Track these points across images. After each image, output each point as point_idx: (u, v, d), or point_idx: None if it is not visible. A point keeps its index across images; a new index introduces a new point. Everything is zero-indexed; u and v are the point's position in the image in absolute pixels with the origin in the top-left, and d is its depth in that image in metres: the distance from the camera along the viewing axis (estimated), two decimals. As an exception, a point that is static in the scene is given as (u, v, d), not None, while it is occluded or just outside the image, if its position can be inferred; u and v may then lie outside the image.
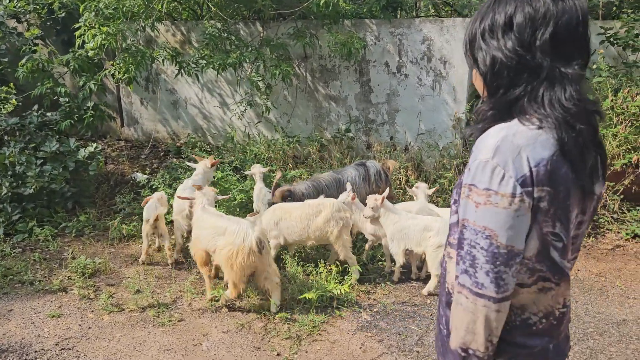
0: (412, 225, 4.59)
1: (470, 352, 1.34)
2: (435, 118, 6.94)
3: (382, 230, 4.89)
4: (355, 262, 4.80)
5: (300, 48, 7.05)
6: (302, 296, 4.35)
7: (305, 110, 7.53)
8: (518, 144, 1.24)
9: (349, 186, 5.08)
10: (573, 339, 3.97)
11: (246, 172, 5.95)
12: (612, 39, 8.04)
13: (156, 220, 4.98)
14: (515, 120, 1.31)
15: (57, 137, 6.42)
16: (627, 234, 5.83)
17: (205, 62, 6.26)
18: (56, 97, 6.75)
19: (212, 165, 5.61)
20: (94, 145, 6.24)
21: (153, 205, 5.07)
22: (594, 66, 7.67)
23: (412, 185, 5.48)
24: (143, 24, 6.17)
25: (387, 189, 5.03)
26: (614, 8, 9.01)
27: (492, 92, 1.37)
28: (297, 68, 7.34)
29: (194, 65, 6.49)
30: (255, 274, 4.19)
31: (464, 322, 1.33)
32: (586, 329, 4.10)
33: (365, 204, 4.81)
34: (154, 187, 6.30)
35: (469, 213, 1.30)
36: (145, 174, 6.98)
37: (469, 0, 7.78)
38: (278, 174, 5.49)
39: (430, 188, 5.38)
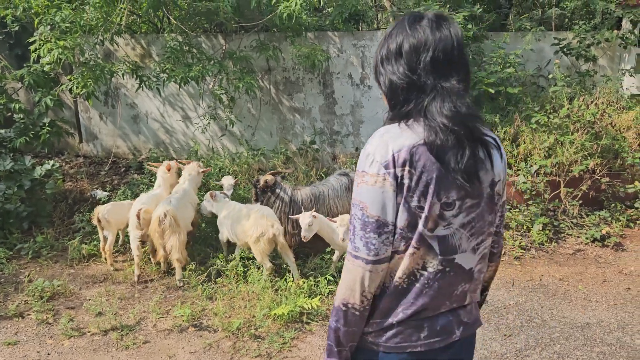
0: None
1: (350, 306, 1.59)
2: (399, 128, 7.00)
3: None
4: (270, 270, 4.88)
5: (264, 61, 7.02)
6: (271, 313, 4.28)
7: (270, 123, 7.49)
8: (386, 138, 1.55)
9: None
10: (540, 345, 4.04)
11: (218, 183, 5.95)
12: (565, 50, 8.33)
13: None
14: (399, 123, 1.60)
15: (11, 154, 6.16)
16: (586, 238, 5.99)
17: (166, 75, 6.14)
18: (10, 114, 6.50)
19: (168, 169, 5.62)
20: (51, 162, 6.02)
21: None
22: (550, 76, 7.93)
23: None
24: (102, 38, 6.02)
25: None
26: (566, 20, 9.35)
27: (392, 106, 1.65)
28: (260, 81, 7.30)
29: (155, 79, 6.36)
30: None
31: (345, 281, 1.60)
32: (552, 334, 4.17)
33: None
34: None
35: (354, 192, 1.60)
36: (105, 190, 6.77)
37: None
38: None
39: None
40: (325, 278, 4.85)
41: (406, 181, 1.53)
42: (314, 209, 4.94)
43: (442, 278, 1.63)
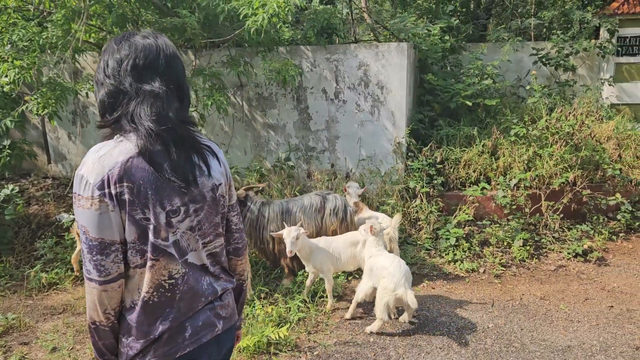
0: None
1: (98, 323, 1.66)
2: (375, 144, 6.83)
3: (326, 265, 4.68)
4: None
5: (235, 76, 6.83)
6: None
7: (244, 140, 7.28)
8: (99, 155, 1.57)
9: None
10: (519, 372, 3.83)
11: None
12: (544, 60, 8.24)
13: None
14: (115, 137, 1.63)
15: (-30, 179, 5.90)
16: (568, 253, 5.82)
17: (132, 94, 5.90)
18: (-31, 136, 6.24)
19: None
20: (10, 187, 5.75)
21: None
22: (528, 87, 7.81)
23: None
24: (62, 56, 5.79)
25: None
26: (544, 29, 9.28)
27: (103, 116, 1.70)
28: (232, 97, 7.10)
29: (121, 98, 6.12)
30: None
31: (88, 302, 1.65)
32: (532, 360, 3.96)
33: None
34: (79, 228, 5.84)
35: (75, 215, 1.62)
36: (71, 214, 6.50)
37: (404, 25, 7.79)
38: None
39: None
40: (296, 304, 4.63)
41: (126, 196, 1.55)
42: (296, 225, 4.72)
43: (188, 279, 1.71)
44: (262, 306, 4.60)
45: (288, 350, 4.15)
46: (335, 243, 4.82)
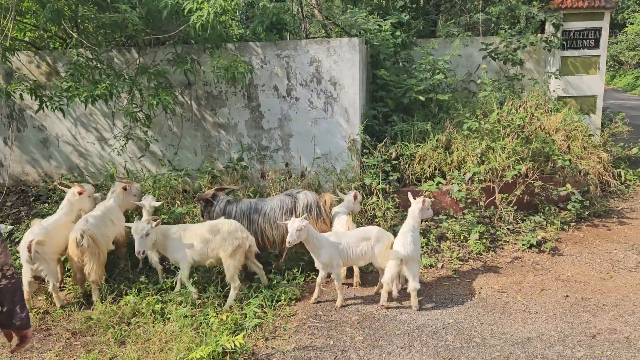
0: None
1: None
2: (330, 141, 6.70)
3: (335, 260, 4.66)
4: (238, 288, 4.72)
5: (182, 74, 6.55)
6: (189, 356, 3.81)
7: (194, 141, 7.00)
8: None
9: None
10: (481, 367, 3.78)
11: (138, 203, 5.45)
12: (493, 54, 8.33)
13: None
14: None
15: None
16: (523, 244, 5.87)
17: (70, 94, 5.56)
18: None
19: (80, 194, 5.27)
20: None
21: None
22: (479, 81, 7.88)
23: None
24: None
25: None
26: (492, 25, 9.41)
27: None
28: (180, 96, 6.81)
29: (58, 99, 5.76)
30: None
31: None
32: (492, 354, 3.92)
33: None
34: (17, 239, 5.46)
35: None
36: (7, 223, 6.07)
37: (355, 20, 7.70)
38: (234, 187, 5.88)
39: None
40: (252, 310, 4.44)
41: None
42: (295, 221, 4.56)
43: None
44: (217, 314, 4.39)
45: (245, 359, 3.95)
46: (346, 238, 4.72)
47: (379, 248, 4.72)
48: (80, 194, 5.25)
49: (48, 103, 5.74)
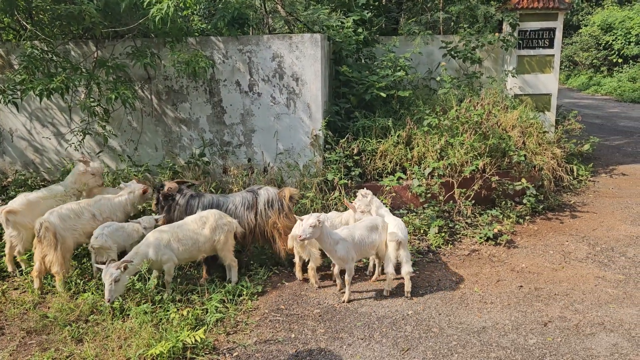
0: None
1: None
2: (292, 137, 6.72)
3: (350, 254, 4.64)
4: (236, 265, 4.96)
5: (142, 69, 6.44)
6: (148, 352, 3.77)
7: (154, 136, 6.90)
8: None
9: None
10: (438, 356, 3.88)
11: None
12: (452, 52, 8.51)
13: None
14: None
15: None
16: (480, 237, 6.04)
17: (24, 87, 5.39)
18: None
19: (85, 164, 5.62)
20: None
21: None
22: (438, 78, 8.04)
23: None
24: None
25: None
26: (452, 23, 9.60)
27: None
28: (140, 90, 6.70)
29: (11, 92, 5.58)
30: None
31: None
32: (450, 343, 4.03)
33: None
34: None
35: None
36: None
37: (318, 16, 7.73)
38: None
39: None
40: (214, 305, 4.42)
41: None
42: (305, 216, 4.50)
43: None
44: (177, 309, 4.36)
45: (206, 353, 3.94)
46: (358, 231, 4.73)
47: (384, 236, 4.84)
48: (85, 164, 5.57)
49: (0, 96, 5.55)
